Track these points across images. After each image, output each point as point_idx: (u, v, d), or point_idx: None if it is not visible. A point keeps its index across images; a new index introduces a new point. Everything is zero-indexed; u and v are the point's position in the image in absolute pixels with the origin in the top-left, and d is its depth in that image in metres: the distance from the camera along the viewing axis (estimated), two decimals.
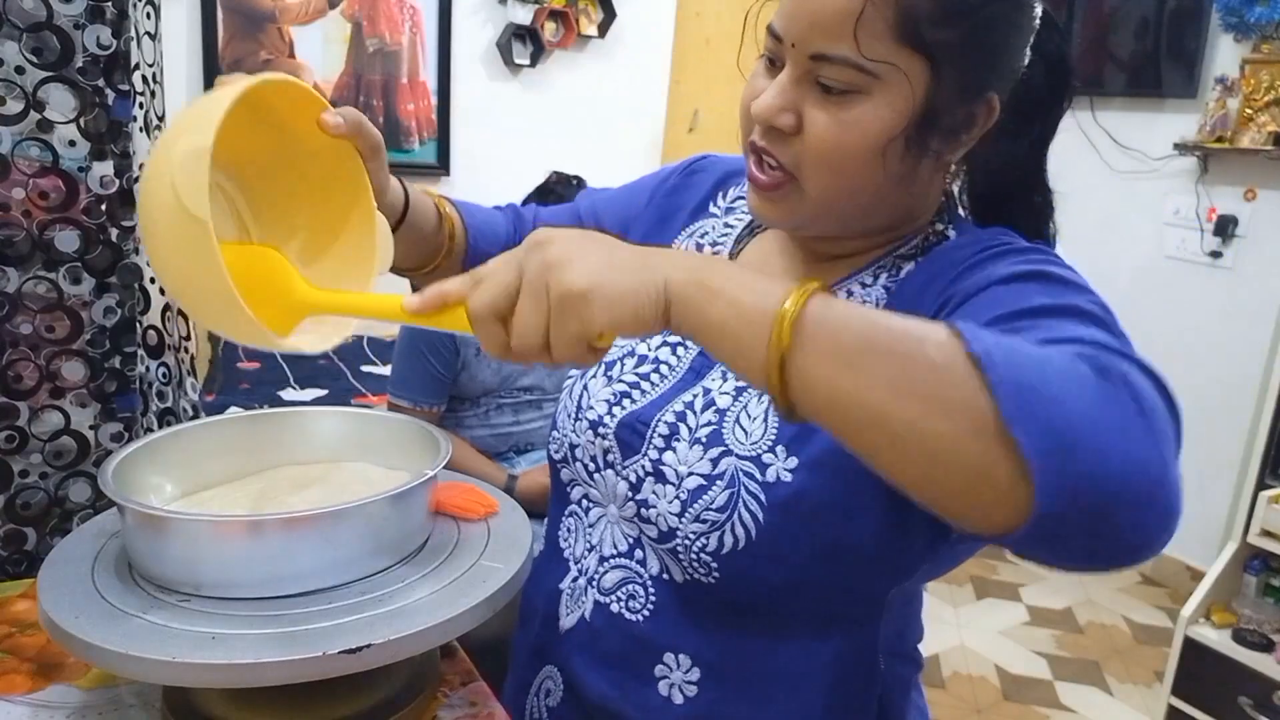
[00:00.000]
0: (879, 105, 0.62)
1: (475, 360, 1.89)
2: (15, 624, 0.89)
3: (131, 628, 0.66)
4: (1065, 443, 0.43)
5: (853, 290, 0.72)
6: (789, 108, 0.64)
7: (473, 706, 0.82)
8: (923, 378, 0.46)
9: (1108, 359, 0.46)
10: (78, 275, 1.04)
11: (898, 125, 0.63)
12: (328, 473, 0.90)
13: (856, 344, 0.48)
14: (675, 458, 0.72)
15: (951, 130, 0.65)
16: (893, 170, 0.65)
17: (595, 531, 0.80)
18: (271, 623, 0.68)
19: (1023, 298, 0.57)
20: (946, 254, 0.69)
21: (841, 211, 0.68)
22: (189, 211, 0.56)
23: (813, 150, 0.64)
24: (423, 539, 0.81)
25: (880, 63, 0.61)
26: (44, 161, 1.00)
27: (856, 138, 0.63)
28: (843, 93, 0.62)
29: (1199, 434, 3.09)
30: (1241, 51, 2.90)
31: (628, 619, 0.76)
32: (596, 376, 0.81)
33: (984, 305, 0.58)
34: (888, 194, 0.67)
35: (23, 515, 1.05)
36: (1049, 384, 0.44)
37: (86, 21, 0.99)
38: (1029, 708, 2.48)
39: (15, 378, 1.02)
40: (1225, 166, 2.98)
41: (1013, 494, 0.44)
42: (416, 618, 0.69)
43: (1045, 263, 0.62)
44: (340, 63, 3.05)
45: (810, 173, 0.65)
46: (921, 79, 0.62)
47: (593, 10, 3.35)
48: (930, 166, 0.67)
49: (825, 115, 0.63)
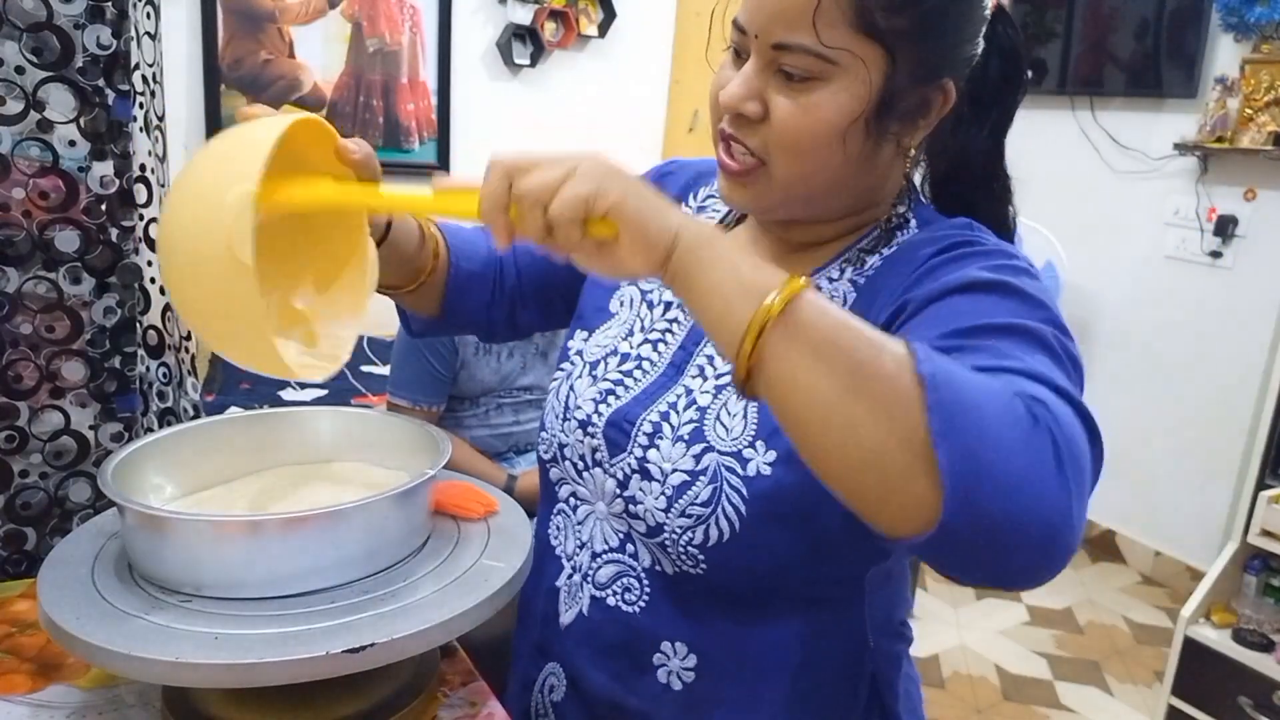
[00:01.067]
0: (838, 91, 0.66)
1: (474, 359, 1.89)
2: (15, 624, 0.89)
3: (134, 628, 0.66)
4: (978, 472, 0.46)
5: (819, 285, 0.74)
6: (754, 95, 0.68)
7: (473, 706, 0.82)
8: (873, 383, 0.49)
9: (1042, 400, 0.49)
10: (78, 275, 1.04)
11: (857, 109, 0.66)
12: (328, 473, 0.90)
13: (827, 336, 0.51)
14: (659, 455, 0.75)
15: (908, 114, 0.69)
16: (854, 152, 0.68)
17: (585, 529, 0.82)
18: (273, 623, 0.68)
19: (978, 312, 0.59)
20: (910, 249, 0.72)
21: (807, 194, 0.71)
22: (236, 258, 0.58)
23: (778, 134, 0.67)
24: (423, 539, 0.81)
25: (838, 49, 0.64)
26: (44, 161, 1.00)
27: (819, 121, 0.66)
28: (804, 79, 0.66)
29: (1199, 434, 3.09)
30: (1241, 51, 2.90)
31: (625, 611, 0.78)
32: (582, 377, 0.84)
33: (940, 317, 0.60)
34: (850, 176, 0.71)
35: (23, 515, 1.05)
36: (980, 416, 0.47)
37: (86, 21, 0.99)
38: (1029, 708, 2.48)
39: (15, 378, 1.02)
40: (1225, 166, 2.98)
41: (923, 504, 0.47)
42: (417, 617, 0.69)
43: (1006, 270, 0.63)
44: (340, 63, 3.04)
45: (777, 156, 0.68)
46: (878, 65, 0.65)
47: (593, 10, 3.35)
48: (890, 150, 0.71)
49: (788, 101, 0.66)
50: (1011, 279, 0.62)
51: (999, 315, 0.59)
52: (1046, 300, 0.62)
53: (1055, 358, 0.56)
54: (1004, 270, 0.63)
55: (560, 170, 0.56)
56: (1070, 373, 0.56)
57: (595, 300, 0.89)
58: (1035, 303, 0.61)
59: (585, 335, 0.88)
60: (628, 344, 0.83)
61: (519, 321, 0.95)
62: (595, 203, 0.55)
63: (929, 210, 0.78)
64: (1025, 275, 0.64)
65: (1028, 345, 0.56)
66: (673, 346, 0.81)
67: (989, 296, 0.61)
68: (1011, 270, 0.63)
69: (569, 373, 0.86)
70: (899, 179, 0.76)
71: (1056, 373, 0.54)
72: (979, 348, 0.55)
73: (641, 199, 0.56)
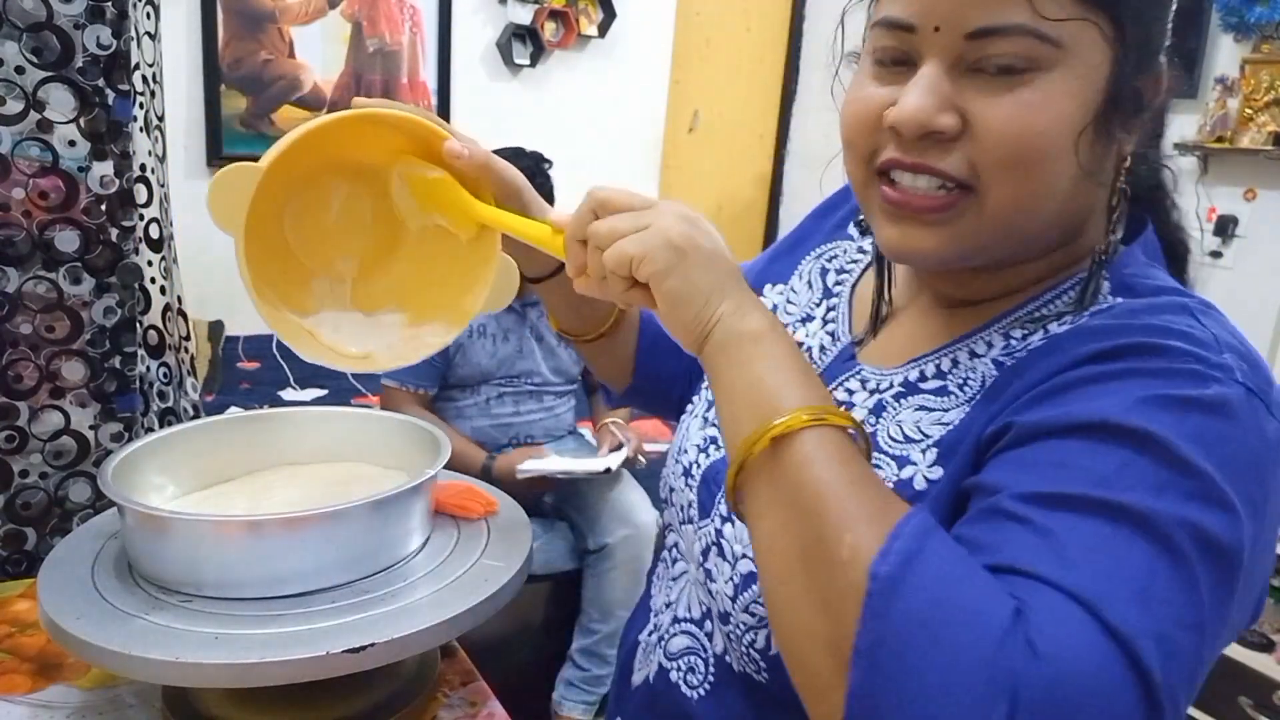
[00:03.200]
0: (1068, 79, 0.49)
1: (470, 341, 1.90)
2: (15, 624, 0.89)
3: (134, 628, 0.66)
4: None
5: (958, 359, 0.58)
6: (947, 105, 0.51)
7: (473, 706, 0.82)
8: (821, 567, 0.43)
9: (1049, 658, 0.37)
10: (78, 275, 1.04)
11: (1093, 101, 0.50)
12: (327, 473, 0.90)
13: (806, 490, 0.45)
14: (734, 532, 0.63)
15: (1131, 110, 0.53)
16: (1088, 163, 0.52)
17: (675, 587, 0.72)
18: (273, 622, 0.68)
19: (1083, 473, 0.43)
20: (1072, 339, 0.52)
21: (1024, 226, 0.53)
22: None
23: (993, 147, 0.50)
24: (423, 539, 0.81)
25: (1066, 22, 0.48)
26: (44, 161, 1.00)
27: (1049, 123, 0.50)
28: (1020, 72, 0.49)
29: None
30: (1241, 51, 2.90)
31: (683, 693, 0.67)
32: (696, 416, 0.73)
33: (1034, 463, 0.46)
34: (1072, 198, 0.54)
35: (23, 515, 1.05)
36: (927, 650, 0.39)
37: (86, 21, 0.99)
38: None
39: (15, 378, 1.02)
40: (1225, 166, 2.98)
41: (829, 711, 0.42)
42: (417, 617, 0.69)
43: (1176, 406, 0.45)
44: (340, 63, 3.05)
45: (994, 177, 0.51)
46: (1108, 44, 0.50)
47: (593, 10, 3.35)
48: (1113, 162, 0.55)
49: (1002, 103, 0.50)
50: (1170, 433, 0.43)
51: (1108, 486, 0.42)
52: (1216, 467, 0.43)
53: (1161, 574, 0.40)
54: (1172, 407, 0.44)
55: (631, 222, 0.53)
56: (1185, 600, 0.40)
57: None
58: (1190, 475, 0.43)
59: None
60: None
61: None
62: (638, 267, 0.52)
63: (1138, 269, 0.57)
64: (1212, 413, 0.45)
65: (1120, 543, 0.41)
66: None
67: (1116, 452, 0.44)
68: (1183, 407, 0.45)
69: (691, 408, 0.75)
70: (1103, 204, 0.57)
71: (1133, 607, 0.39)
72: (1036, 527, 0.42)
73: (686, 279, 0.51)
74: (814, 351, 0.69)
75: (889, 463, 0.56)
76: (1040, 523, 0.43)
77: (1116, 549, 0.41)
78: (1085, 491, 0.43)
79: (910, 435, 0.56)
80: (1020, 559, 0.42)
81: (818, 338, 0.69)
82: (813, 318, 0.71)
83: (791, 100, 4.12)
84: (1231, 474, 0.43)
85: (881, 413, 0.59)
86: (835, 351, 0.67)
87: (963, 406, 0.55)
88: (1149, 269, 0.57)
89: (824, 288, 0.73)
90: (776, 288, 0.76)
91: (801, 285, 0.75)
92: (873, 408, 0.60)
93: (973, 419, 0.53)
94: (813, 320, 0.71)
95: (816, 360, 0.68)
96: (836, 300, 0.71)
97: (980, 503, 0.47)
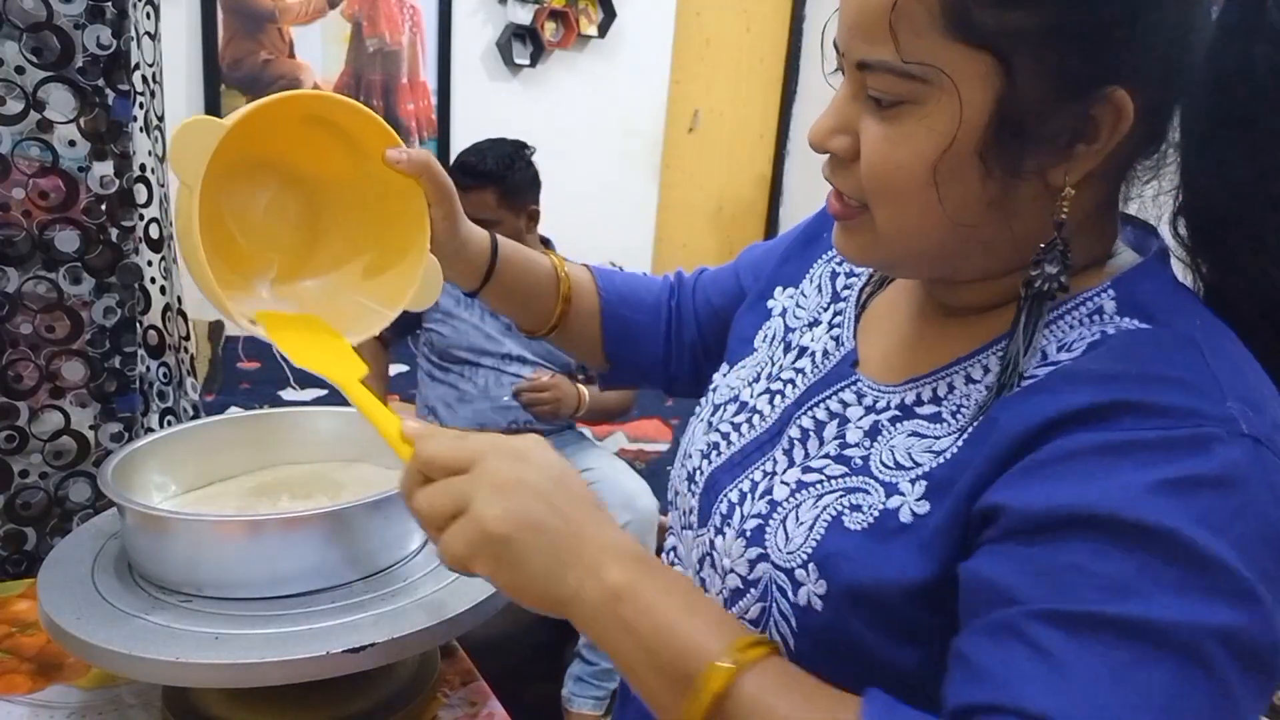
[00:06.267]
0: (932, 115, 0.50)
1: (456, 308, 1.93)
2: (15, 624, 0.89)
3: (134, 628, 0.66)
4: None
5: (954, 384, 0.57)
6: (841, 129, 0.55)
7: (473, 706, 0.82)
8: None
9: None
10: (78, 275, 1.04)
11: (969, 136, 0.50)
12: (327, 473, 0.91)
13: None
14: (724, 545, 0.63)
15: (1053, 140, 0.50)
16: (960, 195, 0.52)
17: None
18: (273, 623, 0.68)
19: (1094, 582, 0.42)
20: (1061, 381, 0.50)
21: (920, 250, 0.55)
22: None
23: (865, 174, 0.53)
24: (423, 539, 0.81)
25: (924, 65, 0.49)
26: (44, 161, 1.00)
27: (910, 156, 0.51)
28: (893, 105, 0.51)
29: None
30: None
31: None
32: (702, 419, 0.73)
33: (1042, 568, 0.43)
34: (982, 227, 0.53)
35: (23, 515, 1.05)
36: None
37: (86, 21, 0.99)
38: None
39: (15, 378, 1.02)
40: None
41: None
42: (417, 617, 0.69)
43: (1188, 489, 0.42)
44: (340, 63, 3.05)
45: (871, 202, 0.54)
46: (987, 79, 0.49)
47: (593, 10, 3.35)
48: (1033, 190, 0.52)
49: (873, 133, 0.53)
50: (1180, 523, 0.41)
51: (1126, 597, 0.41)
52: (1232, 550, 0.41)
53: (1190, 690, 0.39)
54: (1180, 492, 0.42)
55: (452, 501, 0.52)
56: (1217, 711, 0.39)
57: (743, 329, 0.78)
58: (1208, 570, 0.40)
59: (726, 368, 0.77)
60: (750, 390, 0.71)
61: (705, 375, 0.80)
62: (470, 565, 0.51)
63: (1153, 283, 0.55)
64: (1219, 489, 0.42)
65: (1145, 668, 0.39)
66: (788, 400, 0.67)
67: (1130, 555, 0.41)
68: (1191, 489, 0.42)
69: (698, 410, 0.75)
70: (1048, 226, 0.53)
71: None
72: (1053, 661, 0.40)
73: (519, 568, 0.50)
74: (816, 356, 0.69)
75: (877, 488, 0.55)
76: (1059, 655, 0.41)
77: (1138, 676, 0.39)
78: (1103, 609, 0.41)
79: (901, 462, 0.56)
80: (1033, 701, 0.40)
81: (821, 342, 0.69)
82: (819, 322, 0.71)
83: (791, 100, 4.12)
84: (1250, 556, 0.41)
85: (877, 436, 0.58)
86: (838, 357, 0.67)
87: (954, 435, 0.54)
88: (1162, 281, 0.56)
89: (833, 291, 0.73)
90: (786, 291, 0.77)
91: (812, 290, 0.75)
92: (868, 429, 0.59)
93: (962, 459, 0.52)
94: (819, 325, 0.71)
95: (817, 365, 0.67)
96: (843, 305, 0.71)
97: (993, 612, 0.44)
